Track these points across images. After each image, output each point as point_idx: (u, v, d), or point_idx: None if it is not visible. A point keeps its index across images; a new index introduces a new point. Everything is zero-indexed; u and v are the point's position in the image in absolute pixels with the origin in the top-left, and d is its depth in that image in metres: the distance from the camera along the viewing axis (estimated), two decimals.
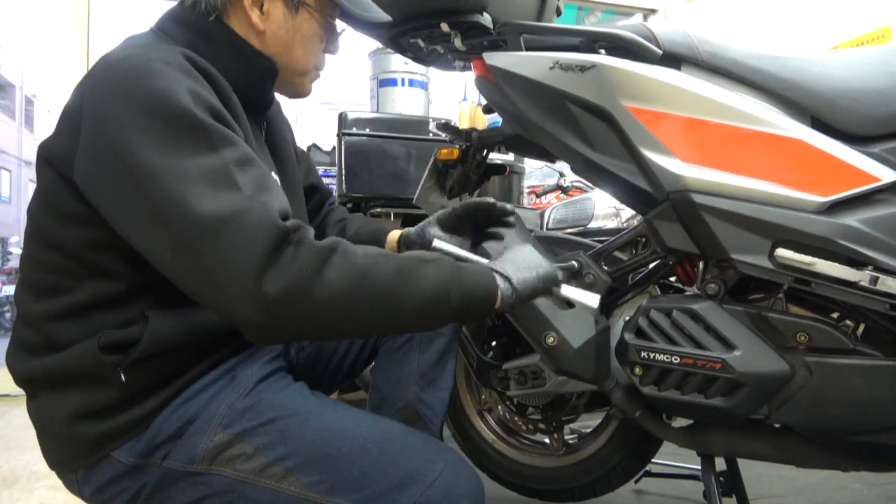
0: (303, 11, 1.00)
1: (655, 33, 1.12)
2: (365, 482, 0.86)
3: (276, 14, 0.99)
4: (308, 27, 1.01)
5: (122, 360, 0.87)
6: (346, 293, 0.77)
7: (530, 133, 1.21)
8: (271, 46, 1.00)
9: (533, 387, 1.29)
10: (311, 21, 1.01)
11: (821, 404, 1.00)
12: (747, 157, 1.02)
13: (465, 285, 0.86)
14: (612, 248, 1.22)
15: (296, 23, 1.00)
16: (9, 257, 14.71)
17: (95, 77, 0.85)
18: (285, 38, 1.00)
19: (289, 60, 1.02)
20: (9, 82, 23.17)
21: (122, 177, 0.79)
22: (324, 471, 0.87)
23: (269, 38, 0.99)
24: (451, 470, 0.88)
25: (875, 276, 0.94)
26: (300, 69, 1.04)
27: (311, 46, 1.03)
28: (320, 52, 1.06)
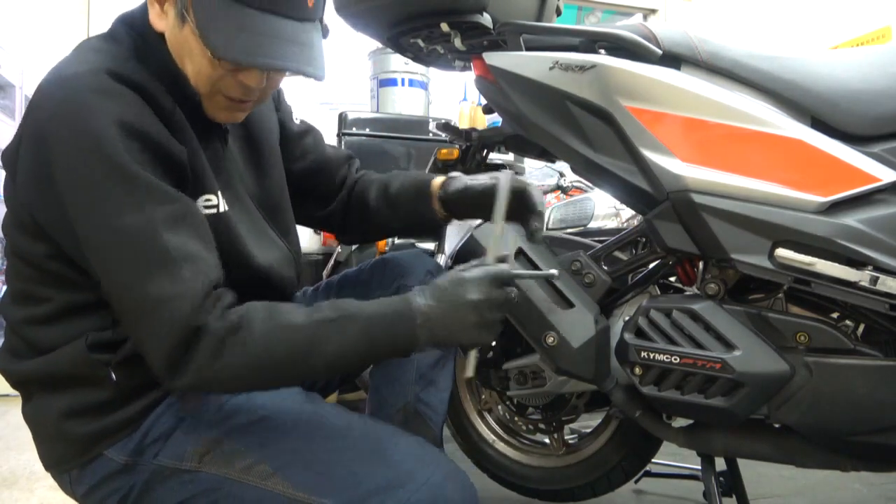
0: (187, 24, 0.84)
1: (655, 33, 1.12)
2: (352, 483, 0.86)
3: (170, 17, 0.86)
4: (192, 44, 0.85)
5: (111, 359, 0.88)
6: (247, 370, 0.82)
7: (530, 133, 1.21)
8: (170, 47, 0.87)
9: (533, 387, 1.29)
10: (194, 41, 0.84)
11: (821, 404, 1.00)
12: (747, 157, 1.02)
13: (376, 340, 0.85)
14: (612, 248, 1.22)
15: (183, 35, 0.85)
16: None
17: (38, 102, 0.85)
18: (175, 47, 0.87)
19: (187, 75, 0.87)
20: (9, 82, 23.12)
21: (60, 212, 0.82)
22: (311, 470, 0.87)
23: (168, 42, 0.87)
24: (441, 474, 0.87)
25: (875, 276, 0.94)
26: (198, 88, 0.88)
27: (201, 66, 0.86)
28: (220, 77, 0.86)
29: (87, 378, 0.89)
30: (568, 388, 1.27)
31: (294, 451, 0.89)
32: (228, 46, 0.81)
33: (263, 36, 0.82)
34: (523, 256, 1.19)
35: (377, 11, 1.25)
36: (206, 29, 0.82)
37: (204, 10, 0.82)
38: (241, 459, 0.88)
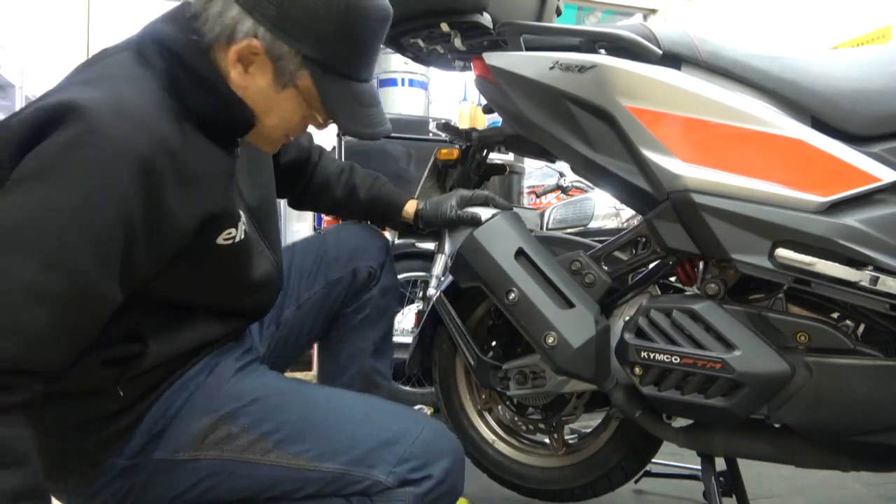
0: (290, 90, 0.91)
1: (655, 33, 1.12)
2: (350, 445, 0.93)
3: (259, 81, 0.89)
4: (289, 106, 0.93)
5: (120, 376, 0.88)
6: None
7: (530, 133, 1.21)
8: (248, 104, 0.91)
9: (533, 387, 1.29)
10: (294, 101, 0.92)
11: (821, 404, 1.00)
12: (747, 157, 1.02)
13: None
14: (612, 248, 1.22)
15: (279, 98, 0.91)
16: None
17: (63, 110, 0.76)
18: (262, 106, 0.92)
19: (262, 121, 0.93)
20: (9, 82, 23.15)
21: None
22: (310, 440, 0.92)
23: (247, 96, 0.91)
24: (430, 430, 0.97)
25: (875, 276, 0.94)
26: (265, 134, 0.95)
27: (290, 120, 0.94)
28: (298, 126, 0.97)
29: (92, 392, 0.88)
30: (568, 388, 1.27)
31: (290, 423, 0.93)
32: (353, 122, 0.92)
33: (365, 106, 0.94)
34: (523, 256, 1.19)
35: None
36: (334, 107, 0.91)
37: (327, 91, 0.90)
38: (238, 440, 0.91)
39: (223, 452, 0.92)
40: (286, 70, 0.88)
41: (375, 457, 0.92)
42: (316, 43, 0.87)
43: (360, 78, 0.93)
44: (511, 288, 1.17)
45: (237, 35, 0.85)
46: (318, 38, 0.87)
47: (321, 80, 0.89)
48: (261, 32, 0.85)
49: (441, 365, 1.50)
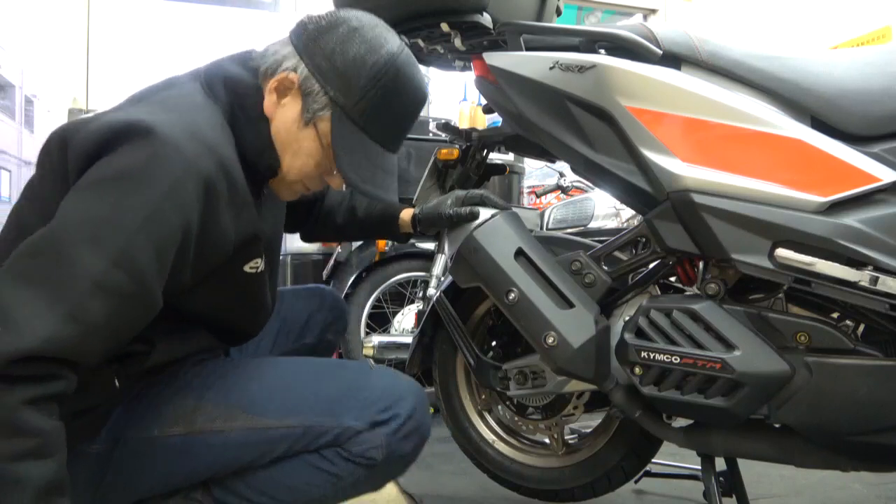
0: (310, 129, 0.96)
1: (655, 33, 1.12)
2: (316, 399, 0.99)
3: (288, 113, 0.96)
4: (308, 146, 0.97)
5: (120, 371, 0.92)
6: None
7: (530, 133, 1.21)
8: (273, 134, 0.97)
9: (533, 387, 1.29)
10: (313, 143, 0.97)
11: (821, 404, 1.00)
12: (747, 157, 1.02)
13: None
14: (612, 248, 1.22)
15: (300, 134, 0.97)
16: None
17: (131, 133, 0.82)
18: (284, 138, 0.97)
19: (282, 161, 0.99)
20: (9, 82, 23.18)
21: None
22: (276, 400, 0.99)
23: (273, 126, 0.97)
24: (389, 376, 1.04)
25: (875, 276, 0.94)
26: (286, 178, 1.00)
27: (306, 165, 0.99)
28: (315, 175, 1.01)
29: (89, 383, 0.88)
30: (568, 388, 1.27)
31: (255, 389, 1.00)
32: (353, 170, 0.96)
33: (376, 167, 0.98)
34: (523, 256, 1.19)
35: (377, 11, 1.24)
36: (340, 150, 0.95)
37: (340, 134, 0.95)
38: (205, 412, 0.97)
39: (193, 426, 0.96)
40: (311, 107, 0.95)
41: (341, 406, 0.98)
42: (345, 89, 0.94)
43: (381, 141, 0.98)
44: (511, 288, 1.17)
45: (281, 67, 0.95)
46: (349, 86, 0.93)
47: (337, 123, 0.95)
48: (300, 68, 0.94)
49: (441, 365, 1.50)
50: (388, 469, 1.01)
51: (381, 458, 0.98)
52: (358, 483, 1.00)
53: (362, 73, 0.93)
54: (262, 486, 0.99)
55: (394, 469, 1.03)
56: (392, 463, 1.00)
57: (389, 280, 2.71)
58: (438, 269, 2.67)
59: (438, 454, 1.97)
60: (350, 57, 0.93)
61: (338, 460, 0.98)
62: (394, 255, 2.73)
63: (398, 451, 0.99)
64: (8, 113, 22.01)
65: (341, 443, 0.97)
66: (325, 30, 0.96)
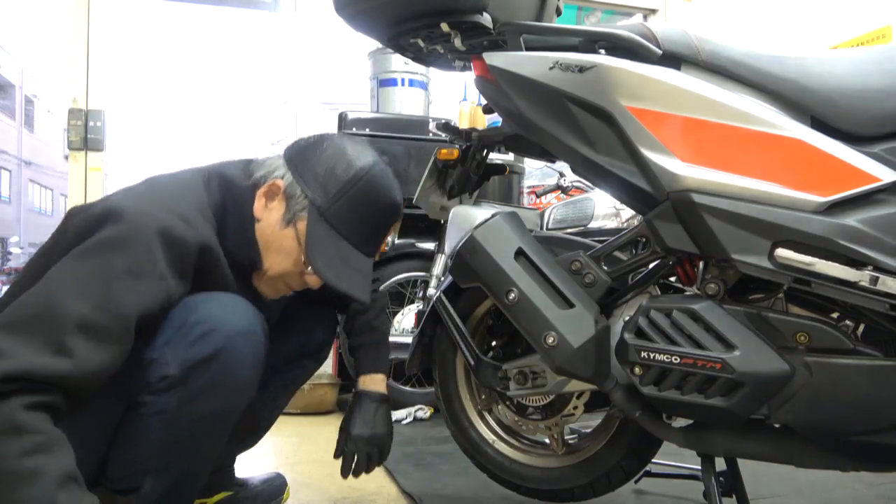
0: (290, 229, 1.09)
1: (655, 33, 1.12)
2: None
3: (274, 215, 1.10)
4: (287, 245, 1.10)
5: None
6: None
7: (530, 133, 1.21)
8: (258, 234, 1.10)
9: (533, 387, 1.29)
10: (291, 242, 1.09)
11: (821, 404, 1.00)
12: (747, 157, 1.02)
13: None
14: (612, 248, 1.22)
15: (281, 234, 1.09)
16: (9, 257, 14.69)
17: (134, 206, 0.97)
18: (267, 238, 1.10)
19: (264, 258, 1.11)
20: (9, 82, 23.19)
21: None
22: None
23: (259, 227, 1.10)
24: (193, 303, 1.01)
25: (875, 276, 0.94)
26: (265, 270, 1.11)
27: (285, 261, 1.11)
28: (295, 273, 1.12)
29: None
30: (568, 388, 1.27)
31: None
32: (327, 269, 1.07)
33: (349, 267, 1.09)
34: (523, 256, 1.19)
35: (377, 11, 1.25)
36: (312, 249, 1.07)
37: (315, 232, 1.07)
38: None
39: None
40: (293, 208, 1.08)
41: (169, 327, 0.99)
42: (322, 192, 1.08)
43: (355, 244, 1.10)
44: (511, 288, 1.17)
45: (272, 175, 1.10)
46: (325, 189, 1.08)
47: (313, 222, 1.07)
48: (287, 176, 1.09)
49: (441, 365, 1.50)
50: (202, 380, 0.97)
51: (178, 373, 0.96)
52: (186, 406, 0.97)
53: (339, 179, 1.08)
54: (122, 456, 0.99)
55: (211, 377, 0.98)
56: (197, 371, 0.97)
57: (389, 280, 2.71)
58: (438, 269, 2.68)
59: (438, 454, 1.97)
60: (330, 166, 1.09)
61: (149, 398, 0.97)
62: (394, 255, 2.73)
63: (192, 357, 0.97)
64: (8, 113, 22.02)
65: (146, 381, 0.97)
66: (312, 145, 1.12)
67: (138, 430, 0.98)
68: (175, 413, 0.97)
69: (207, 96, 77.83)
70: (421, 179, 1.58)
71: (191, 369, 0.97)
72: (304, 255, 1.08)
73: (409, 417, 2.55)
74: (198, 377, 0.97)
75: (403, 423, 2.50)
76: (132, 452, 0.99)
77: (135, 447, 0.99)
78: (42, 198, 26.56)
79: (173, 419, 0.98)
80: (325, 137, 1.15)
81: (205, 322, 0.98)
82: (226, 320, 1.00)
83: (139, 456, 0.99)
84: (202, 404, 0.99)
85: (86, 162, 3.00)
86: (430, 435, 2.29)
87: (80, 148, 2.99)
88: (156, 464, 0.99)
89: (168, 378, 0.97)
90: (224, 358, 0.98)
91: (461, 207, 2.00)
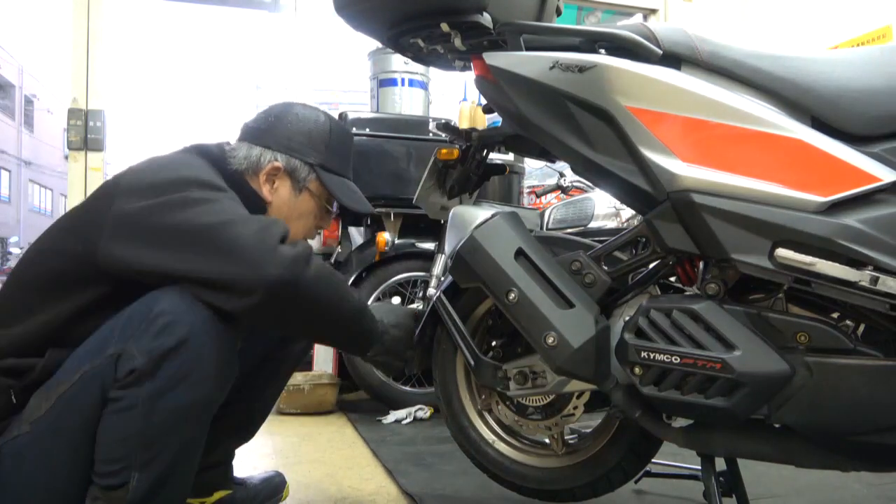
0: (304, 193, 1.28)
1: (655, 33, 1.12)
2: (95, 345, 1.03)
3: (282, 191, 1.26)
4: (306, 206, 1.29)
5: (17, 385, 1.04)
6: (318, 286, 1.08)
7: (530, 133, 1.21)
8: (274, 214, 1.25)
9: (533, 387, 1.29)
10: (309, 201, 1.29)
11: (821, 404, 0.99)
12: (747, 157, 1.02)
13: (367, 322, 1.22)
14: (612, 248, 1.22)
15: (297, 201, 1.27)
16: (8, 257, 14.68)
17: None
18: (286, 212, 1.26)
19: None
20: (9, 82, 23.17)
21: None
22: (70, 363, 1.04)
23: (273, 208, 1.26)
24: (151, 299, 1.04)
25: (875, 276, 0.94)
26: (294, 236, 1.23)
27: (307, 221, 1.31)
28: (313, 226, 1.33)
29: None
30: (568, 388, 1.27)
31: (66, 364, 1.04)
32: (351, 200, 1.31)
33: (355, 192, 1.34)
34: (523, 256, 1.19)
35: (377, 11, 1.25)
36: (341, 196, 1.30)
37: (331, 184, 1.29)
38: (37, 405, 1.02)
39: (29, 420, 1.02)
40: (300, 177, 1.27)
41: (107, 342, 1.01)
42: (316, 153, 1.28)
43: (346, 174, 1.34)
44: (511, 288, 1.17)
45: (262, 163, 1.25)
46: (315, 149, 1.28)
47: (326, 177, 1.28)
48: (278, 157, 1.25)
49: (441, 365, 1.49)
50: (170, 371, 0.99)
51: (145, 363, 0.98)
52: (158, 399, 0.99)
53: (319, 137, 1.28)
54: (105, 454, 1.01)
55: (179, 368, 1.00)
56: (164, 362, 0.98)
57: (389, 280, 2.71)
58: (438, 269, 2.68)
59: (438, 454, 1.97)
60: (305, 131, 1.28)
61: (118, 393, 0.99)
62: (394, 255, 2.73)
63: (158, 348, 0.98)
64: (8, 113, 22.01)
65: (114, 376, 0.99)
66: (273, 123, 1.28)
67: (116, 426, 1.00)
68: (147, 406, 0.98)
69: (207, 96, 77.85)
70: (421, 179, 1.58)
71: (157, 360, 0.98)
72: (322, 208, 1.31)
73: (409, 417, 2.55)
74: (165, 368, 0.99)
75: (403, 423, 2.50)
76: (114, 449, 1.00)
77: (115, 443, 1.00)
78: (42, 198, 26.57)
79: (147, 413, 0.99)
80: (272, 112, 1.31)
81: (168, 313, 1.00)
82: (189, 310, 1.01)
83: (121, 452, 1.00)
84: (173, 395, 1.00)
85: (86, 162, 3.00)
86: (430, 435, 2.29)
87: (80, 148, 2.99)
88: (139, 458, 1.00)
89: (135, 371, 0.98)
90: (191, 347, 1.00)
91: (461, 207, 2.00)
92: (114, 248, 1.03)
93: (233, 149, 1.25)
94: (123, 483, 1.00)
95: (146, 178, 1.10)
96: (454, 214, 2.10)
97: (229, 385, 1.10)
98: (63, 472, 1.02)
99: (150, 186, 1.07)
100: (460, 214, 2.10)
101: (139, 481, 1.00)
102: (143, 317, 1.00)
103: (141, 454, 1.00)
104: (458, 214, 2.11)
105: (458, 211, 2.08)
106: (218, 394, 1.07)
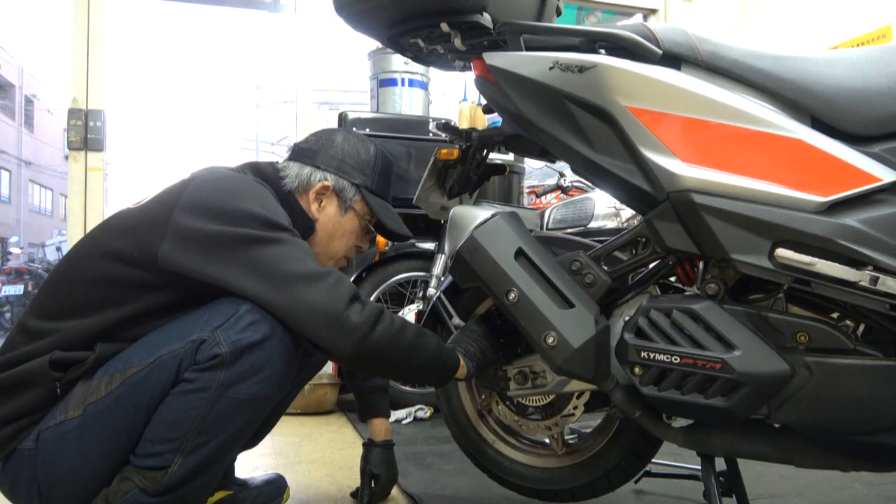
0: (350, 212, 1.34)
1: (655, 33, 1.12)
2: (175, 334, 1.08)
3: (329, 210, 1.33)
4: (350, 225, 1.35)
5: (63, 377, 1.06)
6: (388, 345, 1.12)
7: (530, 133, 1.21)
8: (319, 231, 1.32)
9: (533, 387, 1.29)
10: (353, 221, 1.35)
11: (821, 404, 1.00)
12: (747, 157, 1.02)
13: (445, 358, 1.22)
14: (612, 248, 1.22)
15: (343, 220, 1.34)
16: (8, 257, 14.68)
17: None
18: (331, 229, 1.33)
19: (328, 245, 1.34)
20: (9, 82, 23.18)
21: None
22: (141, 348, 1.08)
23: (319, 225, 1.32)
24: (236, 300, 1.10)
25: (875, 276, 0.94)
26: (332, 254, 1.35)
27: (349, 239, 1.37)
28: (353, 245, 1.39)
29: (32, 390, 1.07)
30: (568, 388, 1.27)
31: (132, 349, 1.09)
32: (392, 224, 1.38)
33: (395, 216, 1.40)
34: (523, 256, 1.19)
35: (377, 11, 1.25)
36: (384, 219, 1.37)
37: (376, 206, 1.36)
38: (92, 388, 1.06)
39: (84, 404, 1.05)
40: (347, 197, 1.33)
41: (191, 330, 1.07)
42: (363, 176, 1.35)
43: (388, 199, 1.40)
44: (511, 288, 1.17)
45: (312, 182, 1.31)
46: (363, 172, 1.35)
47: (371, 199, 1.35)
48: (328, 176, 1.32)
49: None
50: (248, 362, 1.06)
51: (228, 352, 1.04)
52: (228, 387, 1.05)
53: (367, 161, 1.36)
54: (157, 434, 1.05)
55: (255, 362, 1.07)
56: (245, 354, 1.06)
57: (389, 280, 2.71)
58: (438, 269, 2.68)
59: (438, 454, 1.97)
60: (354, 154, 1.35)
61: (194, 375, 1.05)
62: (394, 255, 2.74)
63: (243, 340, 1.05)
64: (8, 113, 22.02)
65: (194, 359, 1.05)
66: (324, 146, 1.34)
67: (179, 406, 1.04)
68: (217, 392, 1.04)
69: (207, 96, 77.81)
70: (421, 179, 1.58)
71: (240, 351, 1.05)
72: (364, 229, 1.37)
73: (409, 417, 2.55)
74: (244, 360, 1.05)
75: (403, 423, 2.50)
76: (169, 429, 1.04)
77: (172, 424, 1.04)
78: (42, 198, 26.57)
79: (215, 398, 1.04)
80: (323, 135, 1.38)
81: (254, 312, 1.08)
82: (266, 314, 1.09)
83: (175, 433, 1.04)
84: (242, 386, 1.06)
85: (86, 162, 3.00)
86: (430, 435, 2.29)
87: (80, 148, 2.99)
88: (190, 443, 1.04)
89: (219, 357, 1.04)
90: (269, 346, 1.08)
91: (461, 207, 2.00)
92: (176, 256, 1.08)
93: (284, 168, 1.32)
94: (164, 466, 1.04)
95: (205, 196, 1.13)
96: (454, 214, 2.10)
97: (284, 391, 1.18)
98: (108, 452, 1.06)
99: (210, 208, 1.10)
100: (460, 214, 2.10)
101: (180, 466, 1.04)
102: (231, 312, 1.07)
103: (193, 439, 1.04)
104: (458, 214, 2.11)
105: (458, 211, 2.09)
106: (277, 395, 1.13)
